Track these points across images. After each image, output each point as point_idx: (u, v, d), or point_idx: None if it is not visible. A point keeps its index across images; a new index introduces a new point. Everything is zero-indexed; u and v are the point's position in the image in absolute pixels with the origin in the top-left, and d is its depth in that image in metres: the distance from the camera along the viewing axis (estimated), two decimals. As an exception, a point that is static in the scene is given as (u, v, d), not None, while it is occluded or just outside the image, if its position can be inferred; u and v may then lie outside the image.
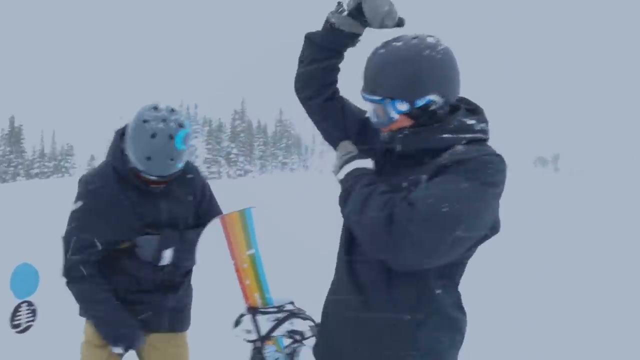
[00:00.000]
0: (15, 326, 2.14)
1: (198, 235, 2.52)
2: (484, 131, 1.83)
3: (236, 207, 2.47)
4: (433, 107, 1.79)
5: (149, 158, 2.35)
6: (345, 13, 1.92)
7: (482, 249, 1.82)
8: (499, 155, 1.75)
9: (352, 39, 1.97)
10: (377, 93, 1.80)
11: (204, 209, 2.74)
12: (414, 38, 1.78)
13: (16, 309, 2.15)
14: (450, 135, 1.78)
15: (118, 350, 2.54)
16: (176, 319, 2.76)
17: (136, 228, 2.54)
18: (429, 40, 1.77)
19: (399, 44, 1.78)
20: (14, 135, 78.81)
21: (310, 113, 2.13)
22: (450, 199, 1.62)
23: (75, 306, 2.59)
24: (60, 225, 2.56)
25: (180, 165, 2.43)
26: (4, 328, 2.12)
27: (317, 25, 2.01)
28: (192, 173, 2.71)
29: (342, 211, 1.82)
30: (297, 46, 2.07)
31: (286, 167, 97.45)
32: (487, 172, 1.69)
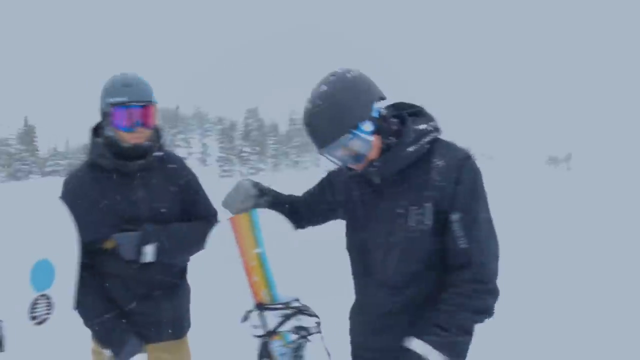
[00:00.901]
0: (33, 318, 2.20)
1: (189, 228, 2.59)
2: (437, 128, 2.04)
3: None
4: (384, 113, 2.01)
5: (127, 85, 2.42)
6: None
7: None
8: (469, 156, 2.00)
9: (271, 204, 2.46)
10: (341, 132, 1.93)
11: (190, 201, 2.68)
12: (332, 75, 1.97)
13: (34, 302, 2.20)
14: (414, 147, 1.98)
15: (108, 353, 2.48)
16: (176, 328, 2.69)
17: (114, 224, 2.48)
18: (343, 68, 1.98)
19: (325, 87, 1.94)
20: (28, 134, 79.36)
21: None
22: (490, 233, 2.00)
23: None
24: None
25: (155, 100, 2.48)
26: (24, 320, 2.18)
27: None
28: (174, 163, 2.66)
29: None
30: (306, 40, 2.17)
31: (298, 165, 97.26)
32: (478, 177, 2.00)
